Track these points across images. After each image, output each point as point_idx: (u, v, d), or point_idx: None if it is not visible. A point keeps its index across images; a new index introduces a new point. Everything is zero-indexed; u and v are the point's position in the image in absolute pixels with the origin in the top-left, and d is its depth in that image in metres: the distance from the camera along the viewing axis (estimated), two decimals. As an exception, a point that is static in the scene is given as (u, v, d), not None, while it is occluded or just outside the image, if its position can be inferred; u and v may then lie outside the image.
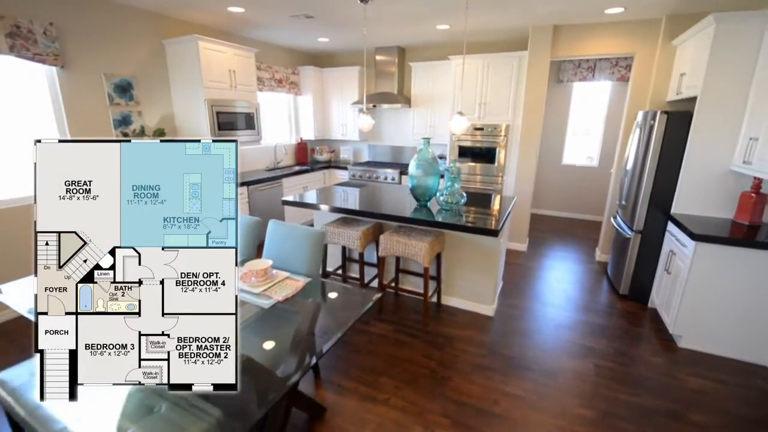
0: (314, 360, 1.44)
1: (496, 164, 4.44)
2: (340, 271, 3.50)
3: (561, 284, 3.60)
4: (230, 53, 3.82)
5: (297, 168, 5.29)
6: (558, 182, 6.00)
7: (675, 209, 2.87)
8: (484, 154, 4.49)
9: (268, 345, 1.48)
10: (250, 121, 4.15)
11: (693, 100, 2.76)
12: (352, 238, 2.94)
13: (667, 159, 2.90)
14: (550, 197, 6.11)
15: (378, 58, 5.08)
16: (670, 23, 3.35)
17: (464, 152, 4.61)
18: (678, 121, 2.83)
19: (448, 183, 2.86)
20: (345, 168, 5.44)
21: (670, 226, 2.87)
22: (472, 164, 4.58)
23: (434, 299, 3.13)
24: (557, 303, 3.21)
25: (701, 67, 2.65)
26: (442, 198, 2.86)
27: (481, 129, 4.42)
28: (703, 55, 2.64)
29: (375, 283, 3.14)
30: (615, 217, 3.70)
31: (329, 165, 5.65)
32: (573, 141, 5.94)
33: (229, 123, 3.89)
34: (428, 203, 3.00)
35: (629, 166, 3.37)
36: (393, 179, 5.03)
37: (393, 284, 3.26)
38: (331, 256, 3.54)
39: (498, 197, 3.63)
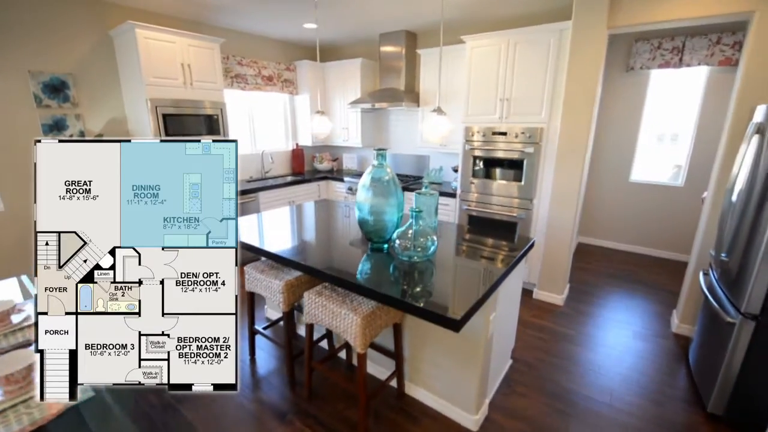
0: None
1: (524, 182, 3.24)
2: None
3: (608, 379, 2.30)
4: (183, 43, 3.16)
5: (290, 179, 4.56)
6: (623, 205, 4.50)
7: (833, 285, 1.54)
8: (509, 168, 3.33)
9: None
10: (212, 126, 3.48)
11: None
12: (273, 291, 2.06)
13: (819, 190, 1.57)
14: (609, 224, 4.62)
15: (383, 49, 4.14)
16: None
17: (482, 164, 3.48)
18: None
19: (412, 218, 1.84)
20: (343, 180, 4.59)
21: (822, 317, 1.54)
22: (495, 181, 3.42)
23: (394, 383, 2.11)
24: (596, 419, 1.99)
25: None
26: (398, 243, 1.84)
27: (504, 134, 3.26)
28: None
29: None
30: (707, 274, 2.33)
31: (329, 175, 4.83)
32: (648, 151, 4.40)
33: (182, 127, 3.25)
34: (385, 247, 2.00)
35: (736, 193, 2.03)
36: (394, 196, 4.04)
37: (345, 355, 2.31)
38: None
39: (515, 234, 2.50)
